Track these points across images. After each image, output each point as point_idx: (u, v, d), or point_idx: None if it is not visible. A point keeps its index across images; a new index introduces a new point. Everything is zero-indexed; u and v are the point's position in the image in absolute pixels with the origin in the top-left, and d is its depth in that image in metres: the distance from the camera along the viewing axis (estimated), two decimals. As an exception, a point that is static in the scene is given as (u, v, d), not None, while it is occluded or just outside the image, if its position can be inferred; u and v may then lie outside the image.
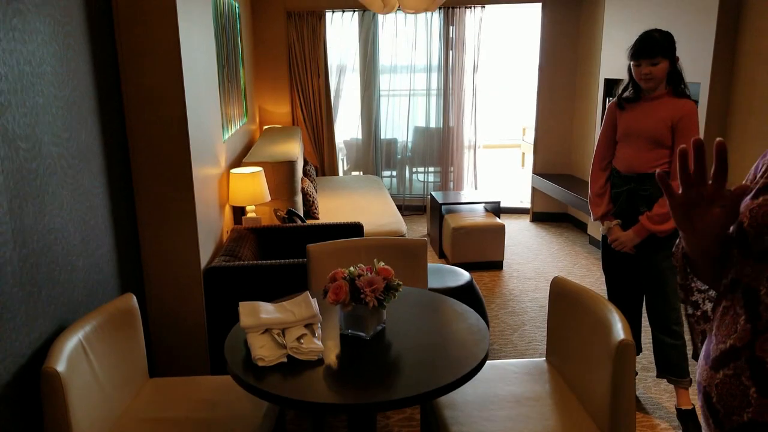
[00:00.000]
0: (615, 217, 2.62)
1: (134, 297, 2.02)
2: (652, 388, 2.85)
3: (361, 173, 6.31)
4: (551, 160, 5.93)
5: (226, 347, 1.75)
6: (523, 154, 9.37)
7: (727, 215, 0.91)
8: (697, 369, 1.05)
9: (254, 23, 5.66)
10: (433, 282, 3.03)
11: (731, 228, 0.98)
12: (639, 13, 4.28)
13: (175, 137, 2.43)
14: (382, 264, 1.83)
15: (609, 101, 4.74)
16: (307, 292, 1.83)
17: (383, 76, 6.06)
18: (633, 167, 2.55)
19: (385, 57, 6.01)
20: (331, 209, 4.22)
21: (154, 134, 2.42)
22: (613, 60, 4.61)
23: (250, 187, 3.24)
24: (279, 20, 5.69)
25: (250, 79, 5.25)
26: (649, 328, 2.69)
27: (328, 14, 5.75)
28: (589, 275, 4.39)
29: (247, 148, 4.57)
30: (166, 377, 2.12)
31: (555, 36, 5.66)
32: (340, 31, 5.85)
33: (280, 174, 3.61)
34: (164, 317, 2.59)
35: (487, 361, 2.07)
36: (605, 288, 2.83)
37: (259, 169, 3.34)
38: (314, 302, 1.82)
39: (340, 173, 6.22)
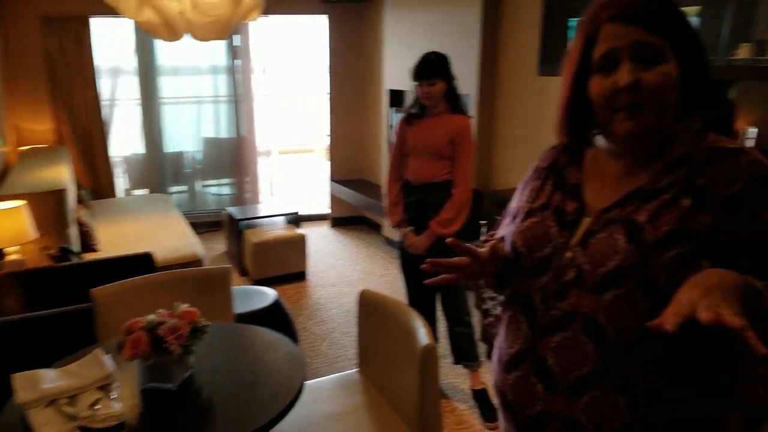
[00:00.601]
0: (409, 223, 2.82)
1: None
2: (449, 374, 3.11)
3: (146, 191, 5.83)
4: (346, 167, 6.13)
5: (-3, 431, 1.48)
6: (319, 159, 9.57)
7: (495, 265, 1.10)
8: (492, 371, 1.17)
9: (2, 32, 4.86)
10: (240, 306, 2.91)
11: (506, 248, 1.12)
12: (414, 32, 4.63)
13: None
14: (184, 306, 1.71)
15: (394, 111, 5.07)
16: (98, 349, 1.63)
17: (164, 79, 5.63)
18: (421, 178, 2.77)
19: (165, 59, 5.60)
20: (114, 238, 3.81)
21: None
22: (395, 73, 4.92)
23: (10, 224, 2.78)
24: (33, 27, 4.95)
25: (-1, 94, 4.50)
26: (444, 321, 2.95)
27: (96, 19, 5.18)
28: (387, 274, 4.64)
29: (0, 177, 3.91)
30: None
31: (342, 47, 5.84)
32: (112, 36, 5.31)
33: (48, 205, 3.15)
34: None
35: (303, 385, 2.06)
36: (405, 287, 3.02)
37: (20, 202, 2.88)
38: (107, 359, 1.63)
39: (120, 194, 5.66)
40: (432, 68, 2.62)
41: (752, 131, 2.19)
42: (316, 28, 6.02)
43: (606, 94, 0.95)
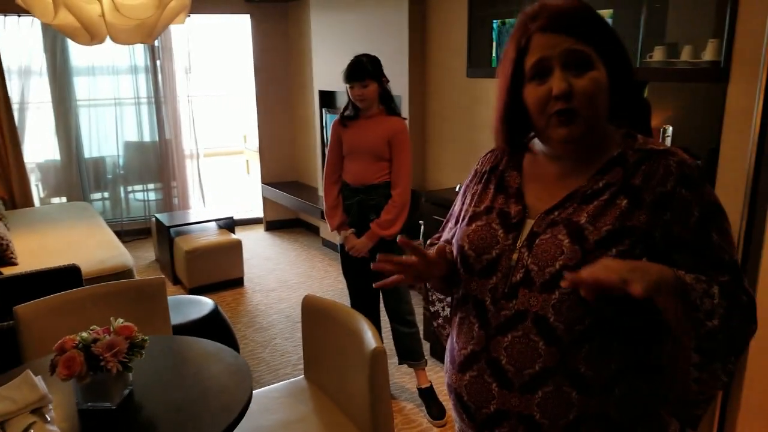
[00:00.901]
0: (349, 226, 2.81)
1: None
2: (395, 374, 3.13)
3: (65, 199, 5.50)
4: (278, 169, 6.03)
5: None
6: (248, 161, 9.36)
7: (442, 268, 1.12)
8: (445, 373, 1.18)
9: None
10: (175, 317, 2.80)
11: (453, 252, 1.15)
12: (342, 33, 4.61)
13: None
14: (120, 321, 1.62)
15: (327, 112, 5.04)
16: (28, 370, 1.52)
17: (79, 80, 5.32)
18: (360, 180, 2.76)
19: (79, 59, 5.29)
20: (34, 250, 3.56)
21: None
22: (325, 74, 4.89)
23: None
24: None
25: None
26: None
27: (1, 17, 4.84)
28: (327, 277, 4.60)
29: None
30: None
31: (266, 47, 5.74)
32: (18, 35, 4.97)
33: (-42, 218, 2.91)
34: None
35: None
36: (347, 290, 3.01)
37: (-75, 216, 2.65)
38: (39, 380, 1.52)
39: (37, 203, 5.32)
40: (364, 70, 2.63)
41: (670, 129, 2.33)
42: (240, 27, 5.88)
43: (541, 101, 0.98)
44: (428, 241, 1.34)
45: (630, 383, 1.00)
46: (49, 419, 1.46)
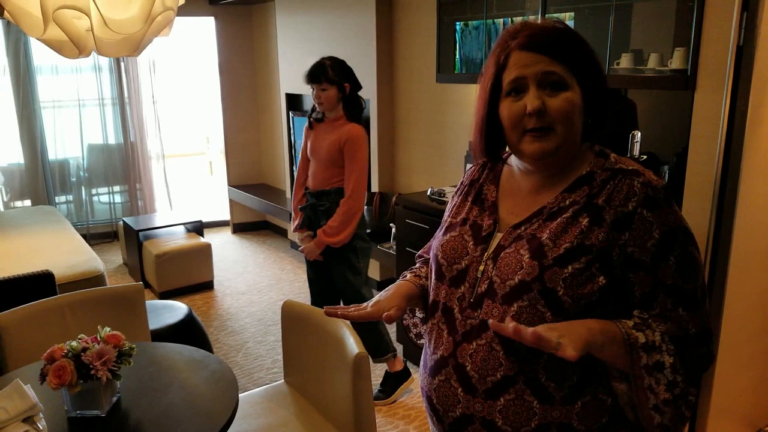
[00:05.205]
0: (308, 228, 2.86)
1: None
2: (372, 375, 3.19)
3: (29, 203, 5.38)
4: (244, 171, 6.02)
5: None
6: (211, 162, 9.26)
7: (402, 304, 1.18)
8: (419, 376, 1.25)
9: None
10: (151, 323, 2.81)
11: (430, 261, 1.21)
12: (308, 36, 4.64)
13: None
14: (108, 330, 1.65)
15: (294, 115, 5.07)
16: (18, 380, 1.53)
17: (42, 79, 5.22)
18: (316, 184, 2.80)
19: (41, 58, 5.18)
20: (2, 256, 3.51)
21: None
22: (291, 77, 4.91)
23: None
24: None
25: None
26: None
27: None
28: (297, 279, 4.64)
29: None
30: None
31: (232, 50, 5.73)
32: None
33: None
34: None
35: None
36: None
37: None
38: (29, 389, 1.54)
39: (0, 207, 5.19)
40: (323, 73, 2.62)
41: (638, 135, 2.43)
42: (205, 29, 5.84)
43: (515, 117, 1.02)
44: (418, 253, 1.40)
45: (593, 395, 1.02)
46: (41, 427, 1.48)
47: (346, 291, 2.86)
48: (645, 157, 2.40)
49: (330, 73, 2.63)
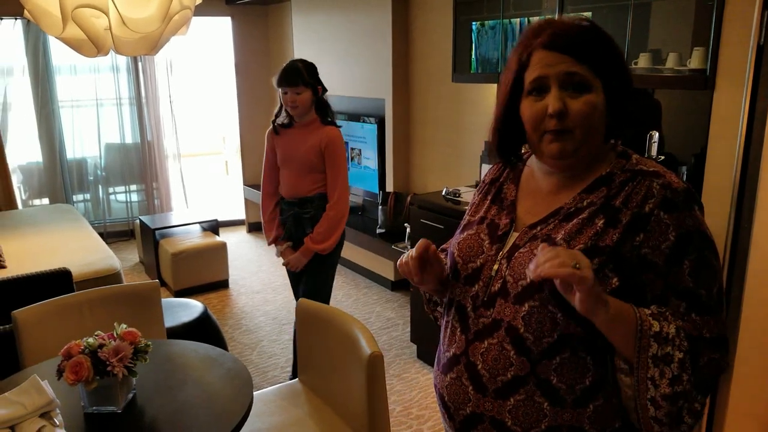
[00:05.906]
0: (288, 239, 2.75)
1: None
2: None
3: (47, 201, 5.45)
4: (259, 171, 5.99)
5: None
6: (226, 162, 9.32)
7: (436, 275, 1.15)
8: (433, 374, 1.24)
9: None
10: (166, 321, 2.83)
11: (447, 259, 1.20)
12: (325, 36, 4.65)
13: None
14: (124, 327, 1.67)
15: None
16: (35, 375, 1.55)
17: (61, 79, 5.28)
18: (294, 193, 2.68)
19: (60, 58, 5.24)
20: (21, 253, 3.55)
21: None
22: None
23: None
24: None
25: None
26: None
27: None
28: (311, 279, 4.64)
29: None
30: None
31: (248, 50, 5.76)
32: (1, 38, 4.92)
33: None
34: None
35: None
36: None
37: None
38: (46, 385, 1.55)
39: (19, 205, 5.27)
40: (299, 76, 2.52)
41: (656, 135, 2.40)
42: (222, 29, 5.89)
43: (536, 117, 1.00)
44: (440, 248, 1.39)
45: (606, 399, 1.01)
46: (57, 423, 1.49)
47: (317, 297, 2.74)
48: (663, 157, 2.37)
49: (305, 76, 2.54)
